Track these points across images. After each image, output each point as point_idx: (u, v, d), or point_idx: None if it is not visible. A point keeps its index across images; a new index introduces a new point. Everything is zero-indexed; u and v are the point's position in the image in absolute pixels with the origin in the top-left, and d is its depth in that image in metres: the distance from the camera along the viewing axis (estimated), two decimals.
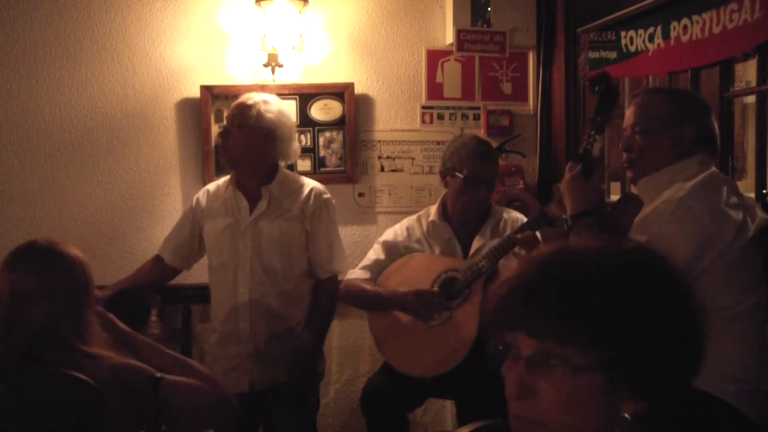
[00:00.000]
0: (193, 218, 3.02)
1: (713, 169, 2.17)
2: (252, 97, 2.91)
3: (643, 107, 2.24)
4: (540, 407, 0.98)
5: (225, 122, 2.97)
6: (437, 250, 2.96)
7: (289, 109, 3.50)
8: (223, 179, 3.03)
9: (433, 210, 3.03)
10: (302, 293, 2.94)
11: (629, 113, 2.27)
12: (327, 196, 2.97)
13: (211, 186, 3.05)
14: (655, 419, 1.01)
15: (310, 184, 2.97)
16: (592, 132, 2.22)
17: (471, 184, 2.88)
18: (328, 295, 2.96)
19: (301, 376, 2.88)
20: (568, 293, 0.98)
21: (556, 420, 0.98)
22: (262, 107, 2.86)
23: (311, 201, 2.91)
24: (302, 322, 2.93)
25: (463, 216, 2.97)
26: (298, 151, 3.06)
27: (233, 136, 2.86)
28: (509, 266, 2.71)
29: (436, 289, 2.85)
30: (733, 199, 2.08)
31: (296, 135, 3.10)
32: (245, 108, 2.86)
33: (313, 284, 2.97)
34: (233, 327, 2.88)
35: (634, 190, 2.52)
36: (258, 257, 2.86)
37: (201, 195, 3.03)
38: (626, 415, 1.00)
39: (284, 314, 2.89)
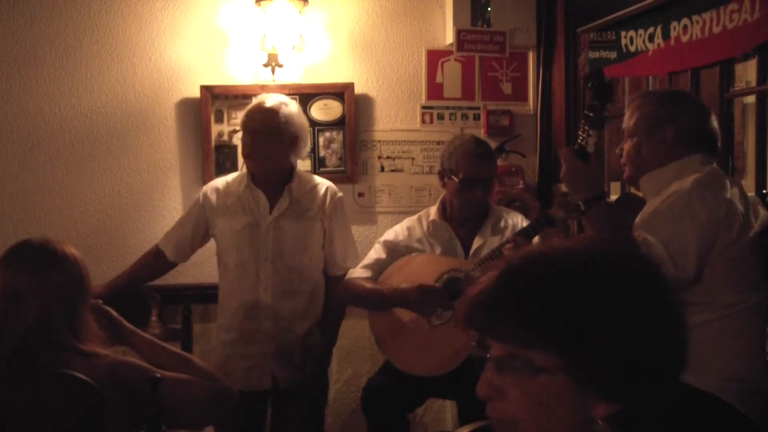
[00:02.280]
0: (200, 215, 2.97)
1: (714, 166, 2.17)
2: (274, 101, 2.89)
3: (631, 111, 2.28)
4: (508, 408, 1.00)
5: (245, 125, 2.89)
6: (438, 250, 2.96)
7: None
8: (232, 176, 3.01)
9: (434, 210, 3.03)
10: (320, 291, 2.97)
11: (624, 118, 2.30)
12: (341, 194, 3.02)
13: (220, 182, 3.01)
14: (641, 420, 1.00)
15: (324, 182, 3.00)
16: (586, 127, 2.22)
17: (467, 186, 2.88)
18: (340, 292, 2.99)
19: (317, 375, 2.91)
20: (525, 297, 0.99)
21: (525, 421, 0.99)
22: (286, 110, 2.86)
23: (328, 199, 2.94)
24: (319, 320, 2.95)
25: (461, 216, 2.96)
26: (308, 149, 3.09)
27: (261, 142, 2.83)
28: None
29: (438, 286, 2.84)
30: (737, 195, 2.09)
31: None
32: (273, 114, 2.83)
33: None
34: (255, 326, 2.87)
35: (634, 190, 2.53)
36: (280, 256, 2.86)
37: (209, 191, 2.98)
38: (599, 420, 0.98)
39: (305, 313, 2.91)
